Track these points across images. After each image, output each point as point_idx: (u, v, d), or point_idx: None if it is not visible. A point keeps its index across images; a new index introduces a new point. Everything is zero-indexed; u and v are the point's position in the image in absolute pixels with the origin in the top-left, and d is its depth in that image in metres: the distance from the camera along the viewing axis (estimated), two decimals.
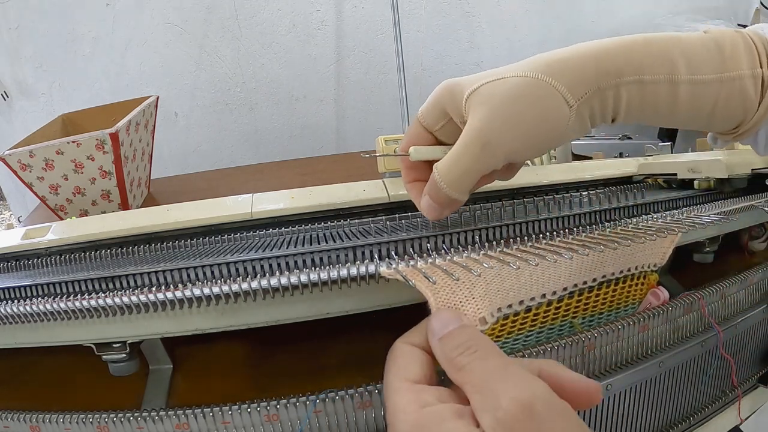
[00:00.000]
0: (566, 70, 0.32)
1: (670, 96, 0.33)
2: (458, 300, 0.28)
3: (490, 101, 0.32)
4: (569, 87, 0.32)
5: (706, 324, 0.41)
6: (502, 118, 0.31)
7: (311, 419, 0.30)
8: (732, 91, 0.33)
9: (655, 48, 0.33)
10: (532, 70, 0.32)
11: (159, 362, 0.41)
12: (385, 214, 0.46)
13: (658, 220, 0.40)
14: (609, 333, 0.35)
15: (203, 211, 0.45)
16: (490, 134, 0.31)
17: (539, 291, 0.32)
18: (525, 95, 0.31)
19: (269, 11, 1.28)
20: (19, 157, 0.72)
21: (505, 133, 0.32)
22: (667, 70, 0.32)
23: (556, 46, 0.34)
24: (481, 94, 0.32)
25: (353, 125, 1.41)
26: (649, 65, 0.32)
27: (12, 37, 1.19)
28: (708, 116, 0.34)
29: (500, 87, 0.32)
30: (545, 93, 0.31)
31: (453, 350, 0.25)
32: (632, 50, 0.33)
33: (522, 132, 0.32)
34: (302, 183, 0.49)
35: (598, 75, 0.32)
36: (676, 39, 0.33)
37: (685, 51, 0.32)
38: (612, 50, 0.33)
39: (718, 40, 0.33)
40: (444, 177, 0.33)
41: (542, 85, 0.31)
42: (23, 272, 0.41)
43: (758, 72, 0.33)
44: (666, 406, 0.39)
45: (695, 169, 0.49)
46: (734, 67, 0.32)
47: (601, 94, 0.32)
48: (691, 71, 0.32)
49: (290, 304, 0.32)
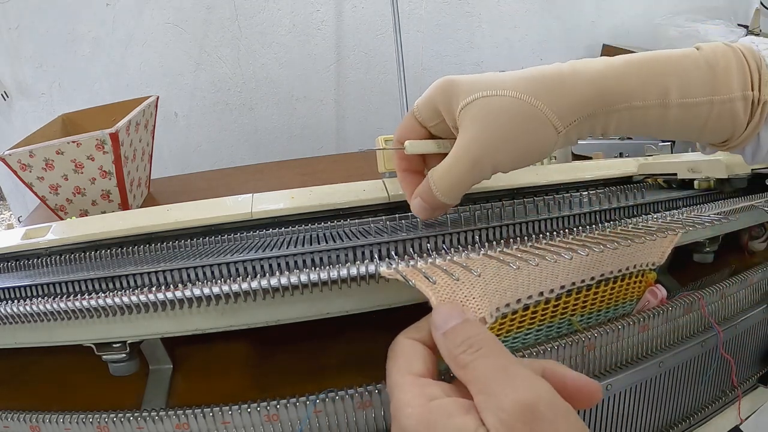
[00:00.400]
0: (558, 96, 0.33)
1: (660, 118, 0.34)
2: (458, 300, 0.28)
3: (484, 119, 0.33)
4: (559, 114, 0.33)
5: (706, 324, 0.41)
6: (494, 138, 0.33)
7: (311, 419, 0.30)
8: (722, 112, 0.33)
9: (648, 72, 0.33)
10: (526, 91, 0.33)
11: (159, 362, 0.41)
12: (385, 214, 0.46)
13: (658, 220, 0.40)
14: (609, 333, 0.35)
15: (203, 211, 0.45)
16: (482, 152, 0.34)
17: (538, 290, 0.32)
18: (517, 118, 0.33)
19: (269, 11, 1.28)
20: (19, 157, 0.72)
21: (495, 151, 0.34)
22: (658, 95, 0.33)
23: (556, 46, 0.34)
24: (474, 109, 0.34)
25: (353, 125, 1.41)
26: (641, 92, 0.33)
27: (12, 37, 1.20)
28: (698, 132, 0.35)
29: (494, 105, 0.33)
30: (536, 117, 0.33)
31: (457, 347, 0.25)
32: (625, 76, 0.33)
33: (511, 150, 0.34)
34: (302, 183, 0.49)
35: (589, 104, 0.33)
36: (669, 60, 0.33)
37: (678, 73, 0.33)
38: (606, 76, 0.33)
39: (711, 61, 0.33)
40: (437, 185, 0.35)
41: (534, 110, 0.33)
42: (23, 272, 0.41)
43: (749, 94, 0.33)
44: (666, 406, 0.39)
45: (695, 169, 0.49)
46: (725, 90, 0.33)
47: (590, 119, 0.34)
48: (683, 95, 0.33)
49: (290, 304, 0.32)
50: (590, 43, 1.47)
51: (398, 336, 0.27)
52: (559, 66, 0.34)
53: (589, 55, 1.48)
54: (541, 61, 1.45)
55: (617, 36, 1.48)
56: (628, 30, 1.49)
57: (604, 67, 0.33)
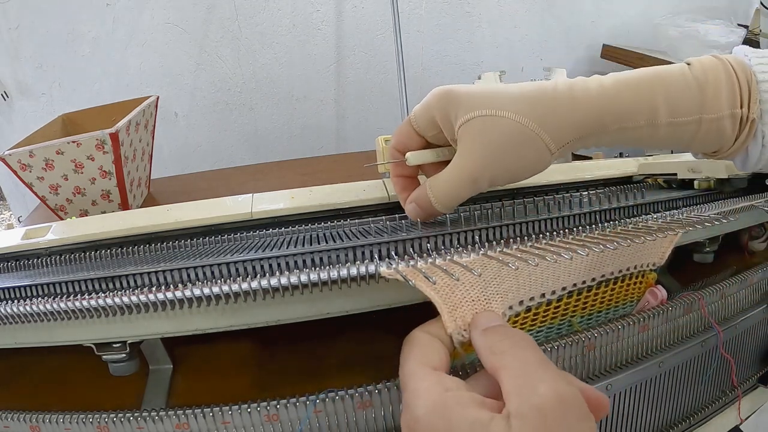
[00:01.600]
0: (554, 120, 0.34)
1: (650, 136, 0.35)
2: (457, 300, 0.28)
3: (483, 139, 0.35)
4: (554, 137, 0.34)
5: (706, 324, 0.41)
6: (492, 157, 0.35)
7: (311, 419, 0.30)
8: (710, 130, 0.34)
9: (638, 93, 0.34)
10: (524, 113, 0.34)
11: (159, 362, 0.41)
12: (385, 214, 0.46)
13: (658, 220, 0.40)
14: (609, 333, 0.35)
15: (203, 211, 0.45)
16: (481, 169, 0.35)
17: (539, 291, 0.32)
18: (515, 140, 0.35)
19: (269, 11, 1.28)
20: (19, 157, 0.72)
21: (493, 168, 0.36)
22: (648, 116, 0.34)
23: (556, 46, 0.34)
24: (474, 128, 0.35)
25: (353, 125, 1.41)
26: (633, 113, 0.34)
27: (12, 37, 1.19)
28: (686, 146, 0.36)
29: (493, 126, 0.35)
30: (532, 140, 0.34)
31: (497, 340, 0.26)
32: (618, 99, 0.34)
33: (508, 168, 0.36)
34: (302, 183, 0.49)
35: (583, 128, 0.34)
36: (659, 79, 0.34)
37: (668, 93, 0.34)
38: (600, 101, 0.34)
39: (701, 80, 0.34)
40: (435, 195, 0.37)
41: (531, 133, 0.34)
42: (23, 272, 0.41)
43: (737, 112, 0.33)
44: (666, 406, 0.39)
45: (695, 169, 0.49)
46: (714, 109, 0.33)
47: (583, 140, 0.35)
48: (672, 115, 0.34)
49: (290, 304, 0.32)
50: (590, 43, 1.47)
51: (415, 330, 0.28)
52: (555, 87, 0.35)
53: (589, 54, 1.48)
54: (541, 61, 1.45)
55: (617, 36, 1.48)
56: (628, 30, 1.49)
57: (598, 93, 0.34)
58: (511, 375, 0.23)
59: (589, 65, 1.49)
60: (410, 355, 0.26)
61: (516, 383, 0.22)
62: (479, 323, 0.27)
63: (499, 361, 0.24)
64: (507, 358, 0.24)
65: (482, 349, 0.26)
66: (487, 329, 0.27)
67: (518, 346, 0.25)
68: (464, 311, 0.28)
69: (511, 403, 0.22)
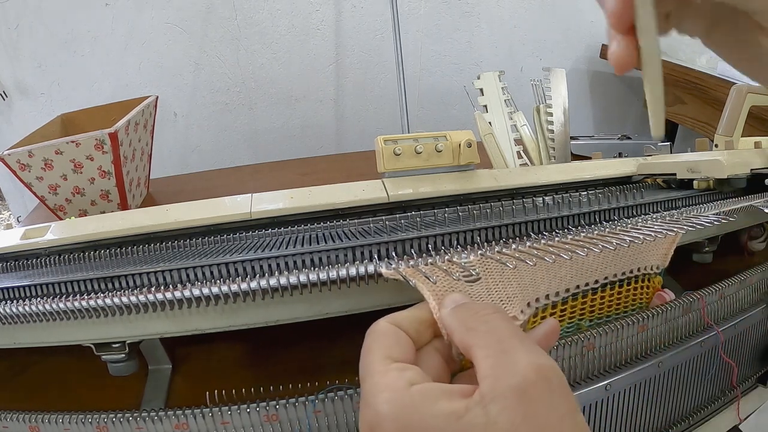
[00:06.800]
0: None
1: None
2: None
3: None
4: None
5: (706, 324, 0.41)
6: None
7: (311, 419, 0.30)
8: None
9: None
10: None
11: (158, 362, 0.41)
12: (385, 214, 0.46)
13: (657, 221, 0.40)
14: (609, 333, 0.35)
15: (202, 211, 0.45)
16: None
17: (543, 293, 0.32)
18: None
19: (268, 11, 1.28)
20: (18, 157, 0.72)
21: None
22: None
23: (556, 46, 0.34)
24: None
25: (353, 125, 1.41)
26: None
27: (12, 37, 1.19)
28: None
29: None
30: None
31: (467, 316, 0.24)
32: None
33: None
34: (302, 183, 0.49)
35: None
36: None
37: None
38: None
39: None
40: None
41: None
42: (22, 272, 0.41)
43: None
44: (665, 406, 0.39)
45: (694, 169, 0.49)
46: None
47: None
48: None
49: (290, 304, 0.32)
50: (590, 43, 1.47)
51: (380, 320, 0.26)
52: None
53: (589, 54, 1.48)
54: (540, 61, 1.45)
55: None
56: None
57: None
58: (484, 353, 0.21)
59: (588, 65, 1.49)
60: (372, 348, 0.24)
61: (491, 362, 0.20)
62: (447, 303, 0.26)
63: (471, 339, 0.22)
64: (479, 335, 0.22)
65: (452, 329, 0.24)
66: (456, 307, 0.25)
67: (490, 322, 0.23)
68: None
69: (486, 384, 0.20)
